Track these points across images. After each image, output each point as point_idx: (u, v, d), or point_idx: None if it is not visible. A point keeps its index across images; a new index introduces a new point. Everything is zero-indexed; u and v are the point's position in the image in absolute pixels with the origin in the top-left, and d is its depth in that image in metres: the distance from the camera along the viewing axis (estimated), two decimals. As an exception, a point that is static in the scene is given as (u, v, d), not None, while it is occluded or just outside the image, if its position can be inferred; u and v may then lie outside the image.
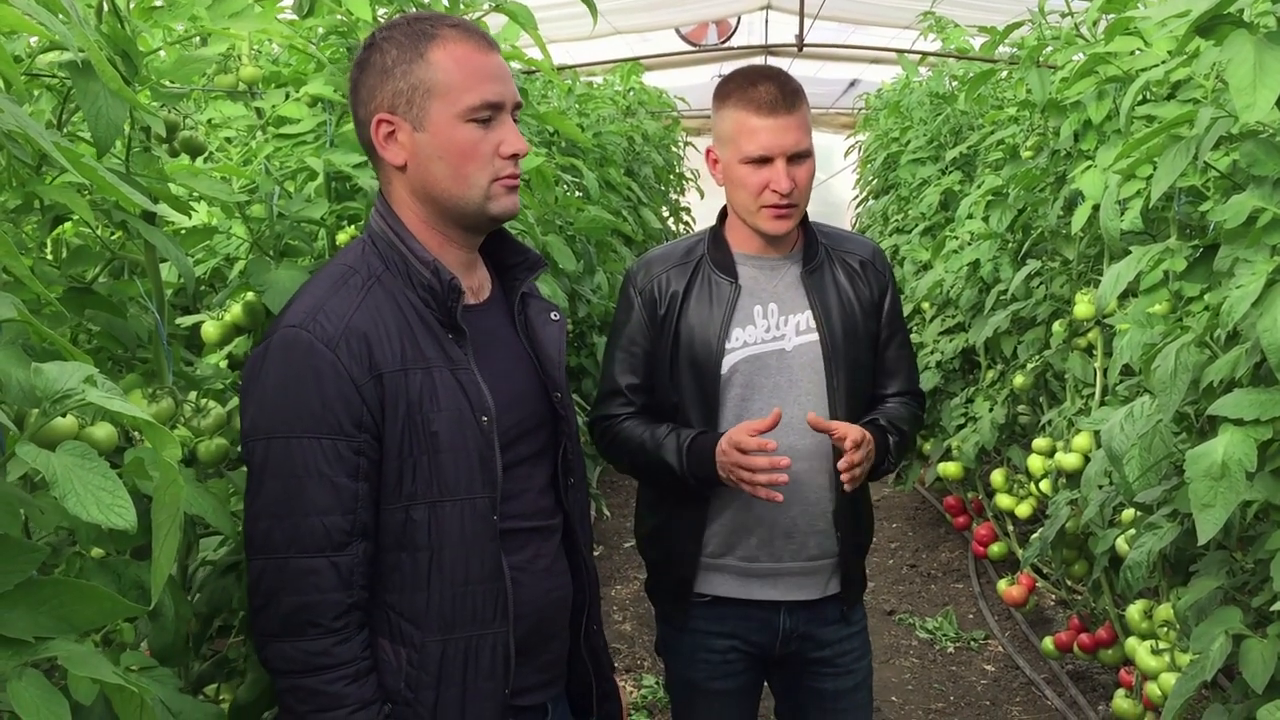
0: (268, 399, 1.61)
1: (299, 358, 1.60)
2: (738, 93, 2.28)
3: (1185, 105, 2.54)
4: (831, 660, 2.44)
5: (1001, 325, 4.11)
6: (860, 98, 9.88)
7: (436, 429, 1.64)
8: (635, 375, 2.40)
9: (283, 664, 1.60)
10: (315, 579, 1.58)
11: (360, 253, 1.73)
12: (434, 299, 1.68)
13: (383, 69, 1.66)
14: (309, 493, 1.58)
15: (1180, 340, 1.93)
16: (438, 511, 1.65)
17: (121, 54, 1.52)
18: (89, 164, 1.25)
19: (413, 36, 1.66)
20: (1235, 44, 1.70)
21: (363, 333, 1.62)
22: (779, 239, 2.37)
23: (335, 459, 1.59)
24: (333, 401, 1.59)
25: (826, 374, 2.33)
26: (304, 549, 1.58)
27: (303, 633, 1.58)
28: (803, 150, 2.27)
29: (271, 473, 1.59)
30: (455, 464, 1.65)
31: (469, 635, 1.68)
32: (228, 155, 2.40)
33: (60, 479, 1.00)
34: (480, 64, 1.67)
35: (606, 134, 5.74)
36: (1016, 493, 4.42)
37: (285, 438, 1.59)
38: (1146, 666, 2.80)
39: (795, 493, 2.31)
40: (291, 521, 1.58)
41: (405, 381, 1.63)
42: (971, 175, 5.46)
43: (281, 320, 1.66)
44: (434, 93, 1.64)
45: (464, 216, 1.71)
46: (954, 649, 4.77)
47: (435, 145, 1.66)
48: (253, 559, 1.62)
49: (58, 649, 1.06)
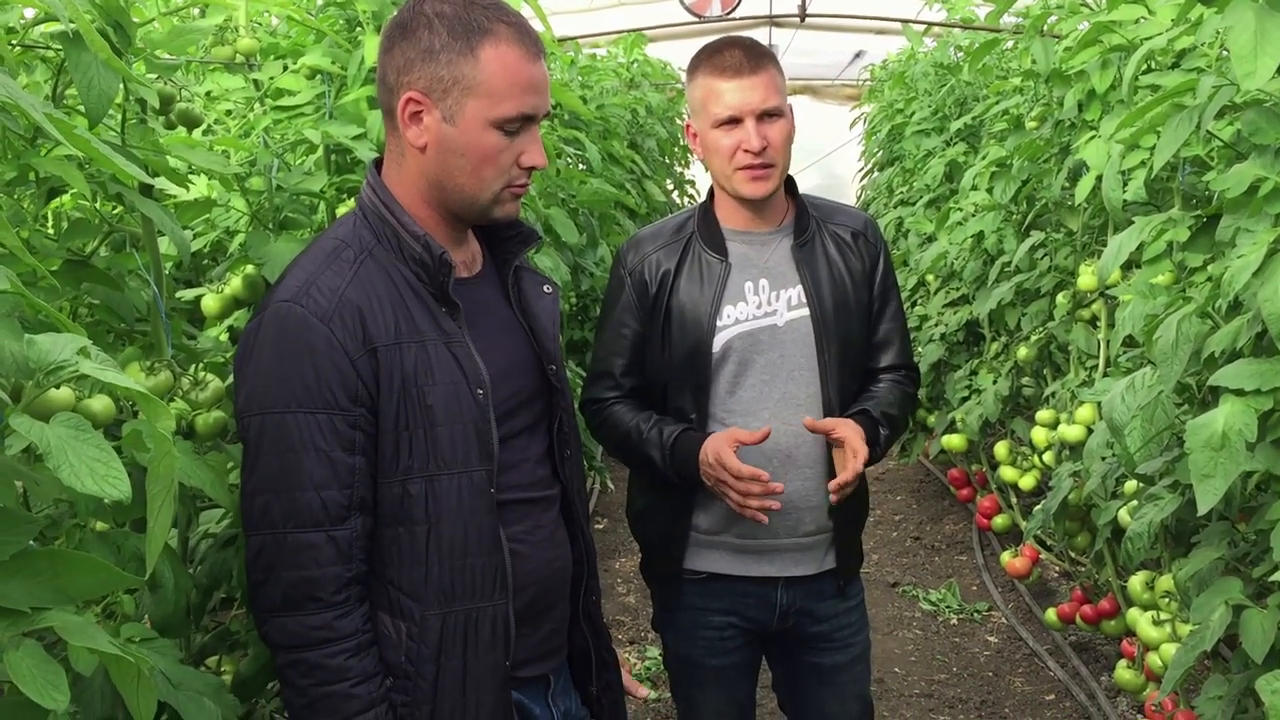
0: (262, 374, 1.60)
1: (293, 332, 1.59)
2: (706, 62, 2.28)
3: (1188, 74, 2.52)
4: (829, 635, 2.44)
5: (1005, 297, 4.09)
6: (865, 69, 9.83)
7: (431, 403, 1.63)
8: (624, 357, 2.39)
9: (284, 639, 1.60)
10: (314, 553, 1.58)
11: (351, 226, 1.71)
12: (426, 273, 1.68)
13: (428, 48, 1.62)
14: (305, 467, 1.57)
15: (1182, 311, 1.93)
16: (434, 485, 1.64)
17: (114, 24, 1.51)
18: (83, 136, 1.25)
19: (466, 26, 1.62)
20: (1236, 11, 1.69)
21: (356, 306, 1.61)
22: (766, 211, 2.36)
23: (331, 433, 1.58)
24: (327, 376, 1.58)
25: (817, 349, 2.32)
26: (301, 524, 1.58)
27: (302, 607, 1.58)
28: (771, 108, 2.24)
29: (267, 448, 1.59)
30: (452, 437, 1.65)
31: (468, 608, 1.68)
32: (226, 128, 2.39)
33: (54, 450, 1.00)
34: (526, 74, 1.65)
35: (609, 106, 5.72)
36: (1020, 465, 4.42)
37: (281, 413, 1.58)
38: (1148, 637, 2.81)
39: (790, 469, 2.32)
40: (289, 496, 1.58)
41: (400, 355, 1.62)
42: (976, 146, 5.43)
43: (274, 295, 1.64)
44: (474, 92, 1.62)
45: (466, 211, 1.72)
46: (957, 621, 4.78)
47: (461, 142, 1.65)
48: (250, 535, 1.61)
49: (55, 619, 1.07)
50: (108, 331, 1.88)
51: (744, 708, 2.53)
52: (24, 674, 1.00)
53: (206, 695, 1.45)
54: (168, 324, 1.83)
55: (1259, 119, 1.86)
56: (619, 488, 5.58)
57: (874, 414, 2.33)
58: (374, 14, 2.40)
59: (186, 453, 1.65)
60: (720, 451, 2.20)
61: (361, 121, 2.33)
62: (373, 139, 2.29)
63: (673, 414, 2.36)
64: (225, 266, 2.22)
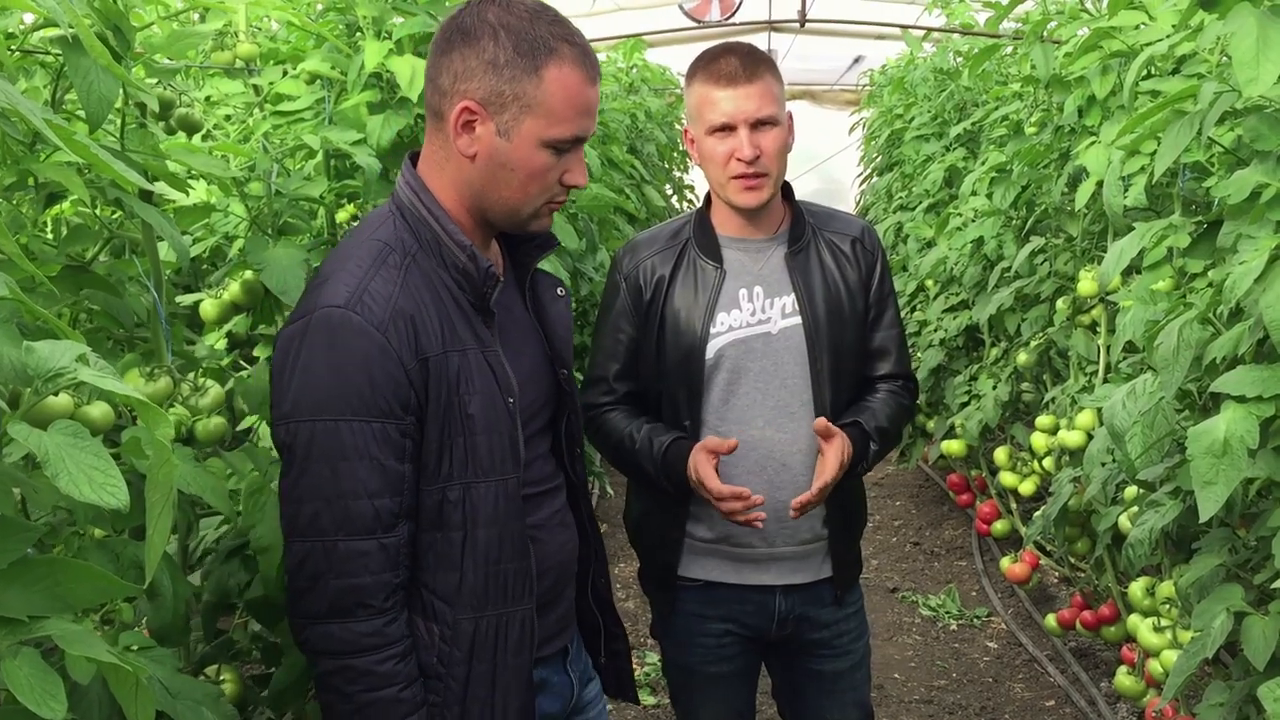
0: (313, 380, 1.58)
1: (349, 340, 1.57)
2: (702, 69, 2.28)
3: (1189, 80, 2.52)
4: (829, 641, 2.44)
5: (1005, 302, 4.09)
6: (864, 74, 9.83)
7: (472, 411, 1.64)
8: (619, 362, 2.39)
9: (330, 645, 1.59)
10: (365, 560, 1.58)
11: (392, 227, 1.69)
12: (468, 283, 1.68)
13: (491, 61, 1.61)
14: (360, 476, 1.57)
15: (1183, 317, 1.92)
16: (472, 492, 1.66)
17: (114, 29, 1.51)
18: (82, 141, 1.24)
19: (532, 44, 1.62)
20: (1238, 17, 1.68)
21: (409, 315, 1.61)
22: (762, 219, 2.35)
23: (384, 442, 1.58)
24: (383, 385, 1.57)
25: (810, 357, 2.31)
26: (354, 532, 1.57)
27: (352, 614, 1.58)
28: (766, 117, 2.23)
29: (319, 455, 1.57)
30: (490, 445, 1.67)
31: (499, 612, 1.70)
32: (226, 133, 2.39)
33: (52, 458, 0.99)
34: (584, 98, 1.67)
35: (609, 111, 5.71)
36: (1020, 470, 4.42)
37: (335, 420, 1.56)
38: (1149, 644, 2.80)
39: (785, 478, 2.31)
40: (342, 504, 1.57)
41: (446, 364, 1.63)
42: (976, 152, 5.43)
43: (319, 299, 1.61)
44: (533, 112, 1.63)
45: (505, 221, 1.73)
46: (957, 626, 4.77)
47: (513, 157, 1.65)
48: (295, 542, 1.60)
49: (52, 628, 1.06)
50: (108, 338, 1.88)
51: (743, 715, 2.53)
52: (21, 683, 0.99)
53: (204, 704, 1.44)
54: (167, 329, 1.83)
55: (1260, 125, 1.85)
56: (618, 493, 5.57)
57: (867, 428, 2.32)
58: (374, 19, 2.40)
59: (186, 459, 1.65)
60: (700, 470, 2.20)
61: (361, 127, 2.33)
62: (372, 144, 2.28)
63: (666, 420, 2.35)
64: (224, 272, 2.22)
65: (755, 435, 2.32)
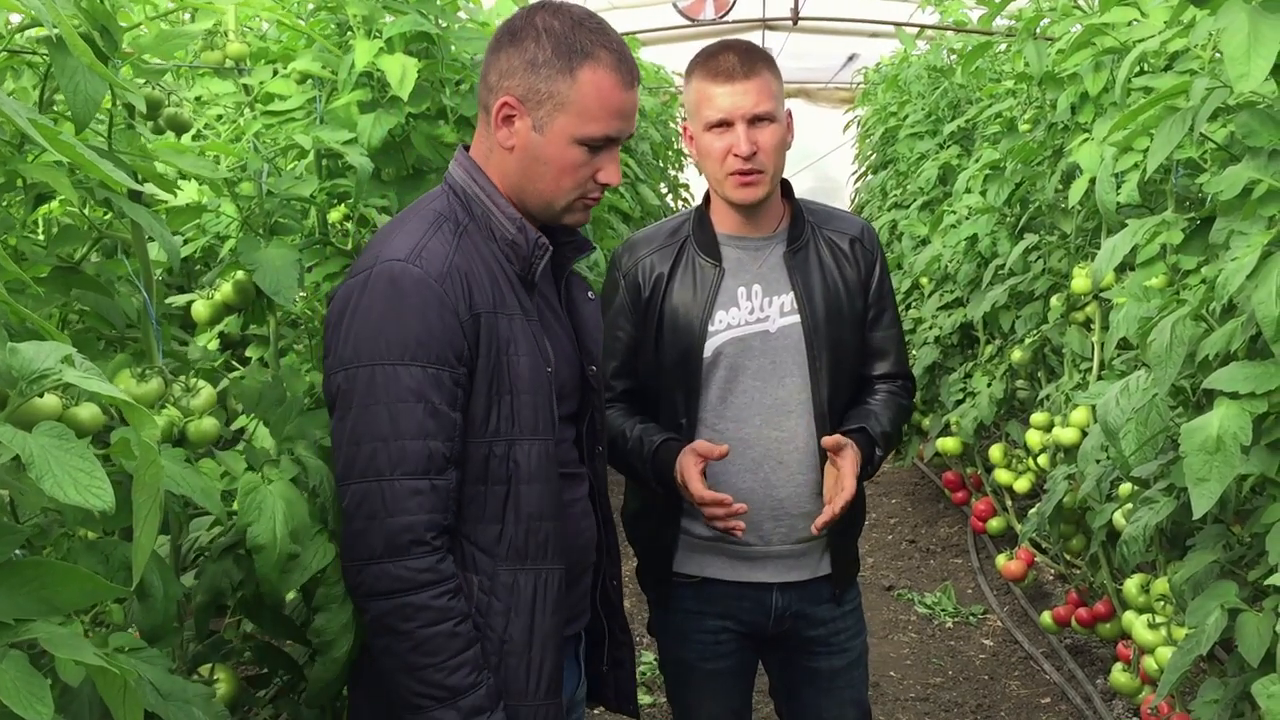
0: (372, 326, 1.67)
1: (409, 289, 1.67)
2: (701, 65, 2.29)
3: (1181, 76, 2.52)
4: (826, 639, 2.43)
5: (999, 300, 4.09)
6: (858, 73, 9.83)
7: (521, 371, 1.74)
8: (616, 359, 2.39)
9: (387, 584, 1.65)
10: (420, 499, 1.66)
11: (446, 202, 1.81)
12: (515, 254, 1.78)
13: (532, 59, 1.73)
14: (417, 417, 1.65)
15: (1176, 314, 1.92)
16: (515, 450, 1.73)
17: (100, 29, 1.50)
18: (69, 142, 1.24)
19: (570, 47, 1.73)
20: (1229, 13, 1.68)
21: (464, 272, 1.71)
22: (761, 217, 2.35)
23: (439, 387, 1.66)
24: (439, 333, 1.66)
25: (809, 356, 2.32)
26: (410, 471, 1.65)
27: (407, 552, 1.65)
28: (763, 113, 2.23)
29: (378, 398, 1.65)
30: (534, 406, 1.75)
31: (537, 569, 1.77)
32: (217, 133, 2.38)
33: (37, 460, 0.99)
34: (619, 101, 1.76)
35: (603, 110, 5.69)
36: (1015, 468, 4.42)
37: (394, 364, 1.65)
38: (1144, 640, 2.80)
39: (782, 476, 2.32)
40: (399, 445, 1.65)
41: (496, 324, 1.72)
42: (969, 149, 5.43)
43: (379, 254, 1.72)
44: (566, 109, 1.74)
45: (541, 212, 1.82)
46: (953, 624, 4.77)
47: (546, 151, 1.76)
48: (352, 484, 1.68)
49: (38, 630, 1.05)
50: (98, 338, 1.87)
51: (738, 712, 2.52)
52: (7, 686, 0.98)
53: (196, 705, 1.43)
54: (158, 330, 1.82)
55: (1252, 121, 1.85)
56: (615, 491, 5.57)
57: (873, 434, 2.34)
58: (364, 18, 2.39)
59: (177, 460, 1.64)
60: (686, 473, 2.21)
61: (352, 126, 2.32)
62: (363, 144, 2.28)
63: (664, 418, 2.35)
64: (216, 272, 2.21)
65: (752, 433, 2.32)
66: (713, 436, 2.30)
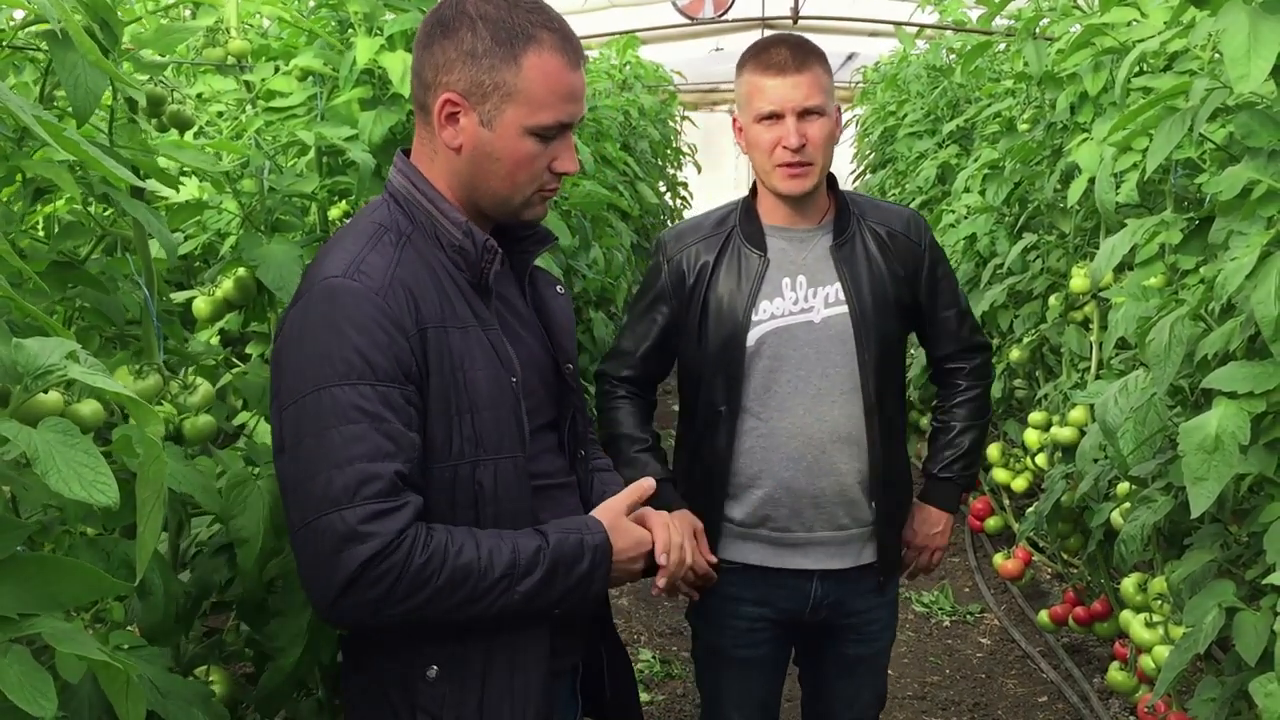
0: (317, 349, 1.54)
1: (348, 306, 1.55)
2: (752, 58, 2.33)
3: (1181, 77, 2.52)
4: (858, 627, 2.48)
5: (998, 299, 4.09)
6: (858, 71, 9.84)
7: (479, 386, 1.62)
8: (648, 340, 2.45)
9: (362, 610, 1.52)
10: (382, 522, 1.50)
11: (387, 212, 1.69)
12: (465, 260, 1.66)
13: (470, 50, 1.61)
14: (371, 439, 1.51)
15: (1175, 313, 1.92)
16: (479, 471, 1.62)
17: (101, 23, 1.50)
18: (70, 137, 1.24)
19: (510, 31, 1.61)
20: (1230, 13, 1.68)
21: (408, 286, 1.59)
22: (807, 208, 2.38)
23: (391, 406, 1.53)
24: (385, 349, 1.54)
25: (857, 347, 2.35)
26: (369, 496, 1.50)
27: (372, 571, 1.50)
28: (813, 106, 2.28)
29: (328, 422, 1.52)
30: (496, 422, 1.64)
31: None
32: (218, 129, 2.38)
33: (41, 456, 0.99)
34: (567, 83, 1.64)
35: (602, 108, 5.70)
36: (1013, 467, 4.42)
37: (339, 386, 1.52)
38: (1141, 639, 2.80)
39: (824, 465, 2.35)
40: (355, 469, 1.50)
41: (446, 339, 1.60)
42: (968, 149, 5.43)
43: (317, 274, 1.60)
44: (513, 100, 1.62)
45: (497, 211, 1.72)
46: (950, 622, 4.78)
47: (497, 147, 1.64)
48: (310, 521, 1.51)
49: (42, 626, 1.05)
50: (99, 335, 1.87)
51: (766, 705, 2.54)
52: (11, 681, 0.99)
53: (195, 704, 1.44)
54: (159, 327, 1.82)
55: (1252, 121, 1.85)
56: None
57: (959, 482, 2.52)
58: (366, 15, 2.39)
59: (176, 458, 1.64)
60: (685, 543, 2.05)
61: (353, 123, 2.33)
62: (364, 140, 2.28)
63: (704, 406, 2.39)
64: (217, 269, 2.21)
65: (794, 421, 2.35)
66: (755, 424, 2.35)
